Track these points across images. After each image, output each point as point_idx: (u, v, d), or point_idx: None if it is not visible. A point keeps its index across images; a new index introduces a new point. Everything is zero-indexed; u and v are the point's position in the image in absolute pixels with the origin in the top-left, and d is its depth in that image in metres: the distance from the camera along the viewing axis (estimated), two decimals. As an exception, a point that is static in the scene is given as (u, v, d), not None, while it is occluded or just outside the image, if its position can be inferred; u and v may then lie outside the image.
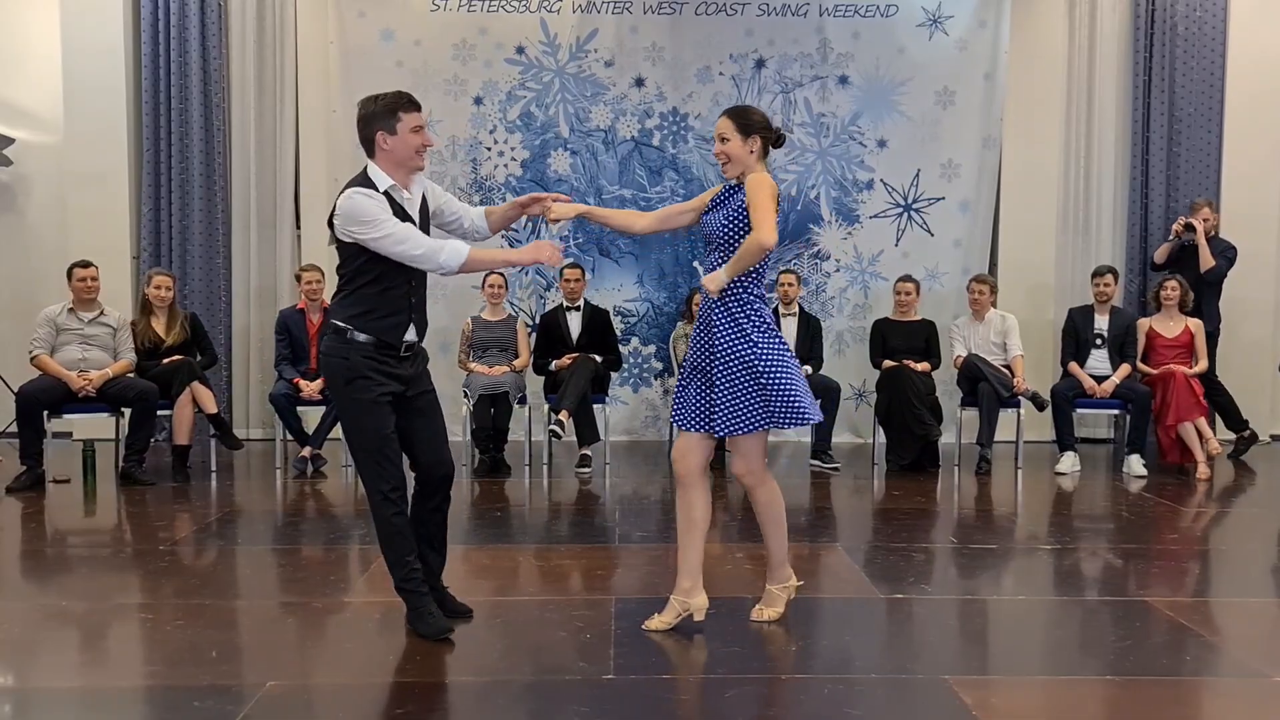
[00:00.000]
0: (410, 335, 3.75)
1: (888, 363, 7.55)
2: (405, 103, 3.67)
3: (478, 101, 8.50)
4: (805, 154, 8.62)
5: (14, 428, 6.74)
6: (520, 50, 8.51)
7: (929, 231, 8.66)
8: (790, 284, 7.78)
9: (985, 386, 7.31)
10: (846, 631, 3.95)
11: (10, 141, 8.40)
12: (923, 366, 7.52)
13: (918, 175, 8.62)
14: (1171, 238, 8.08)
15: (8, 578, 4.78)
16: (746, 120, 3.81)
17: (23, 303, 8.19)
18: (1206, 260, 7.86)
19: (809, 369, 7.57)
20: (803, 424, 3.79)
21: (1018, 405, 7.44)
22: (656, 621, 3.84)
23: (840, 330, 8.66)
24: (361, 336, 3.65)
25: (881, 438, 7.57)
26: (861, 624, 4.03)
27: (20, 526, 5.72)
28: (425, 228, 3.79)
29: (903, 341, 7.67)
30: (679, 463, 3.92)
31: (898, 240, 8.67)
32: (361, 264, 3.66)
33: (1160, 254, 8.16)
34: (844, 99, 8.60)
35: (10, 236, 8.55)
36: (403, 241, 3.58)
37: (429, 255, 3.61)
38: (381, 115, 3.65)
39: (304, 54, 8.45)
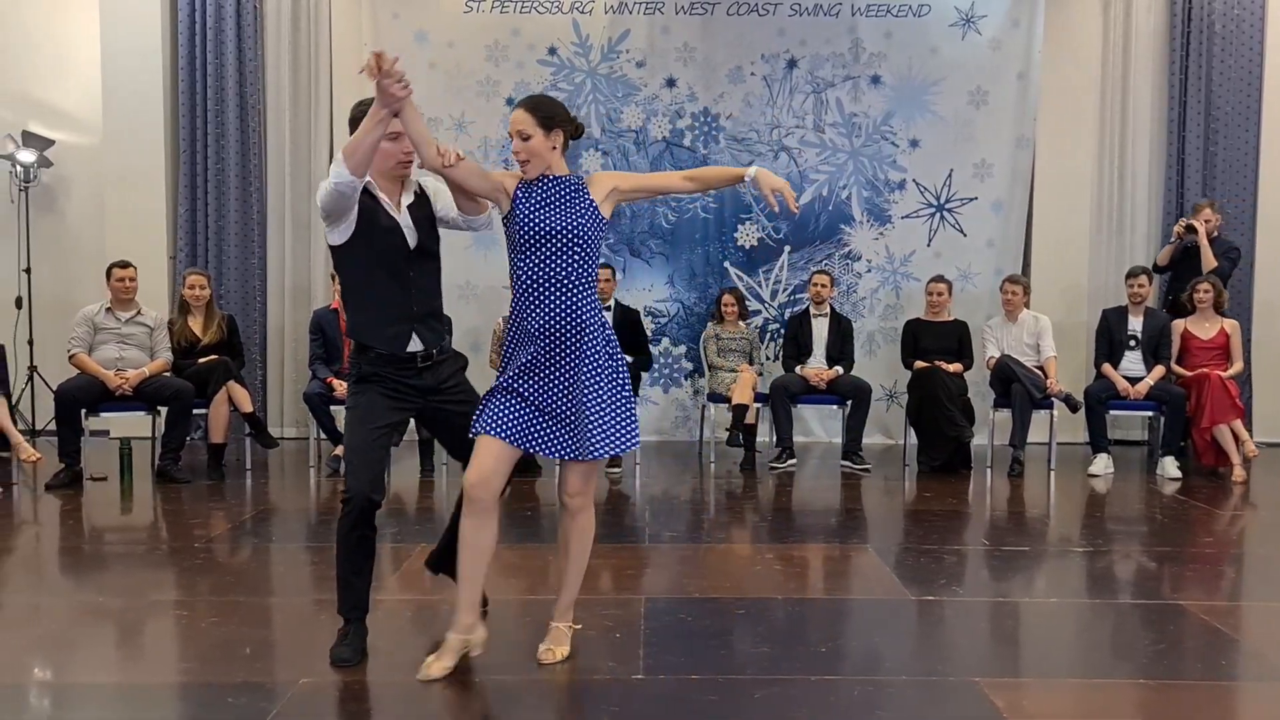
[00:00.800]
0: (415, 346, 3.54)
1: (919, 363, 7.52)
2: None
3: (510, 102, 8.53)
4: (837, 154, 8.60)
5: (53, 425, 6.83)
6: (552, 51, 8.55)
7: (961, 232, 8.61)
8: (823, 284, 7.77)
9: (1018, 388, 7.27)
10: (876, 633, 3.94)
11: (51, 143, 8.52)
12: (955, 367, 7.49)
13: (950, 175, 8.58)
14: (1173, 239, 8.00)
15: (46, 574, 4.86)
16: (548, 113, 3.41)
17: (62, 302, 8.30)
18: (1209, 261, 7.76)
19: (839, 370, 7.56)
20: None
21: (1050, 407, 7.40)
22: (437, 667, 3.34)
23: (871, 331, 8.63)
24: (373, 349, 3.52)
25: (913, 439, 7.54)
26: (892, 625, 4.02)
27: (59, 523, 5.80)
28: (428, 235, 3.60)
29: (935, 342, 7.63)
30: (481, 486, 3.31)
31: (930, 240, 8.63)
32: (345, 269, 3.56)
33: (1163, 256, 8.09)
34: (876, 99, 8.57)
35: (50, 237, 8.66)
36: (320, 198, 3.40)
37: (324, 192, 3.38)
38: (350, 125, 3.55)
39: (338, 55, 8.52)
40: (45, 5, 8.68)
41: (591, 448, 3.35)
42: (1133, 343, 7.57)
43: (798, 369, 7.65)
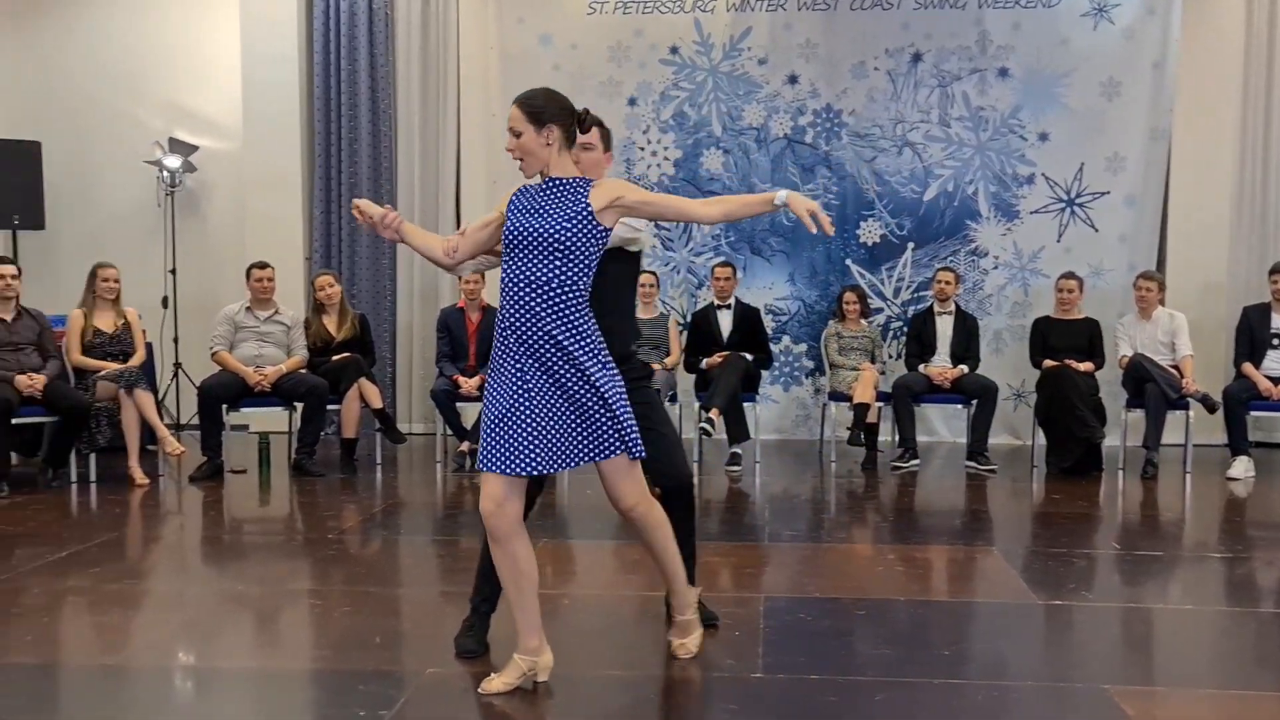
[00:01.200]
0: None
1: (1049, 362, 7.34)
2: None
3: (631, 102, 8.60)
4: (963, 149, 8.44)
5: (196, 420, 7.13)
6: (674, 50, 8.58)
7: (1093, 227, 8.37)
8: (947, 282, 7.64)
9: (1152, 387, 7.04)
10: (1002, 637, 3.87)
11: (195, 149, 8.90)
12: (1086, 366, 7.29)
13: (1081, 169, 8.34)
14: None
15: (189, 563, 5.09)
16: (538, 107, 3.22)
17: (205, 302, 8.65)
18: None
19: (964, 368, 7.43)
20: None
21: (1186, 407, 7.14)
22: (497, 683, 3.26)
23: (998, 329, 8.45)
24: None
25: (1041, 439, 7.37)
26: (1018, 630, 3.95)
27: (201, 514, 6.07)
28: (610, 253, 3.48)
29: (1065, 340, 7.44)
30: (496, 515, 3.18)
31: (1060, 236, 8.41)
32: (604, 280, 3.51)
33: None
34: (1004, 92, 8.38)
35: (194, 239, 9.05)
36: None
37: None
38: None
39: (465, 60, 8.70)
40: (188, 18, 9.06)
41: (610, 445, 3.22)
42: (1276, 341, 7.25)
43: (921, 367, 7.54)
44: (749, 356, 7.45)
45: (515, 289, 3.18)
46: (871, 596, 4.28)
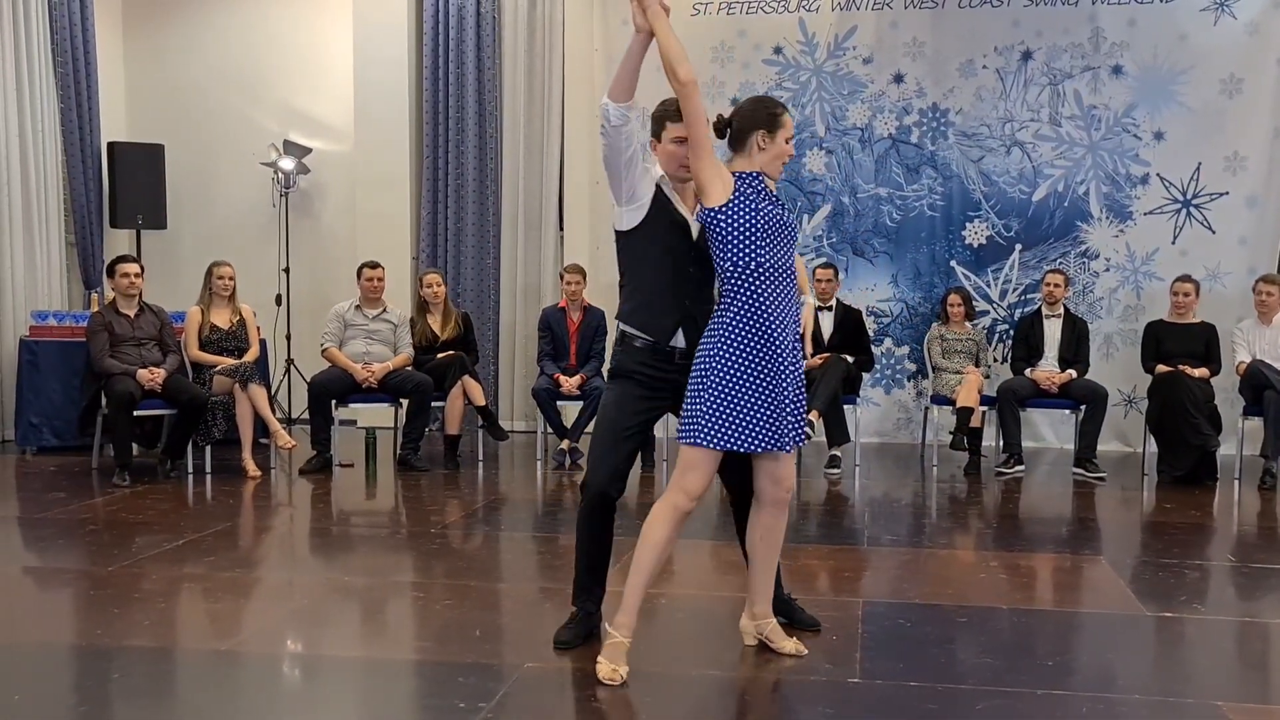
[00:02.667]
0: (678, 341, 3.53)
1: (1162, 367, 7.13)
2: (674, 111, 3.51)
3: (734, 103, 8.56)
4: (1074, 148, 8.25)
5: (307, 415, 7.33)
6: (778, 50, 8.55)
7: (1210, 229, 8.11)
8: (1056, 284, 7.48)
9: (1271, 394, 6.79)
10: (1109, 649, 3.78)
11: (308, 151, 9.15)
12: (1201, 372, 7.06)
13: (1198, 169, 8.08)
14: None
15: (299, 553, 5.24)
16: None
17: (316, 300, 8.90)
18: None
19: (1073, 373, 7.26)
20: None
21: (1310, 416, 6.87)
22: (605, 667, 3.34)
23: (1109, 333, 8.24)
24: (636, 339, 3.55)
25: (1153, 447, 7.16)
26: (1125, 642, 3.85)
27: (310, 506, 6.24)
28: (692, 241, 3.57)
29: (1179, 345, 7.22)
30: (699, 499, 3.42)
31: (1175, 238, 8.16)
32: (628, 255, 3.62)
33: None
34: (1117, 90, 8.17)
35: (307, 239, 9.30)
36: (602, 152, 3.54)
37: (602, 139, 3.51)
38: (655, 121, 3.60)
39: (570, 62, 8.79)
40: (303, 23, 9.33)
41: (801, 432, 3.47)
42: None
43: (1028, 371, 7.39)
44: (850, 359, 7.38)
45: (781, 276, 3.36)
46: (973, 603, 4.22)
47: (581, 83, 8.77)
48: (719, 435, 3.31)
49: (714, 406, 3.31)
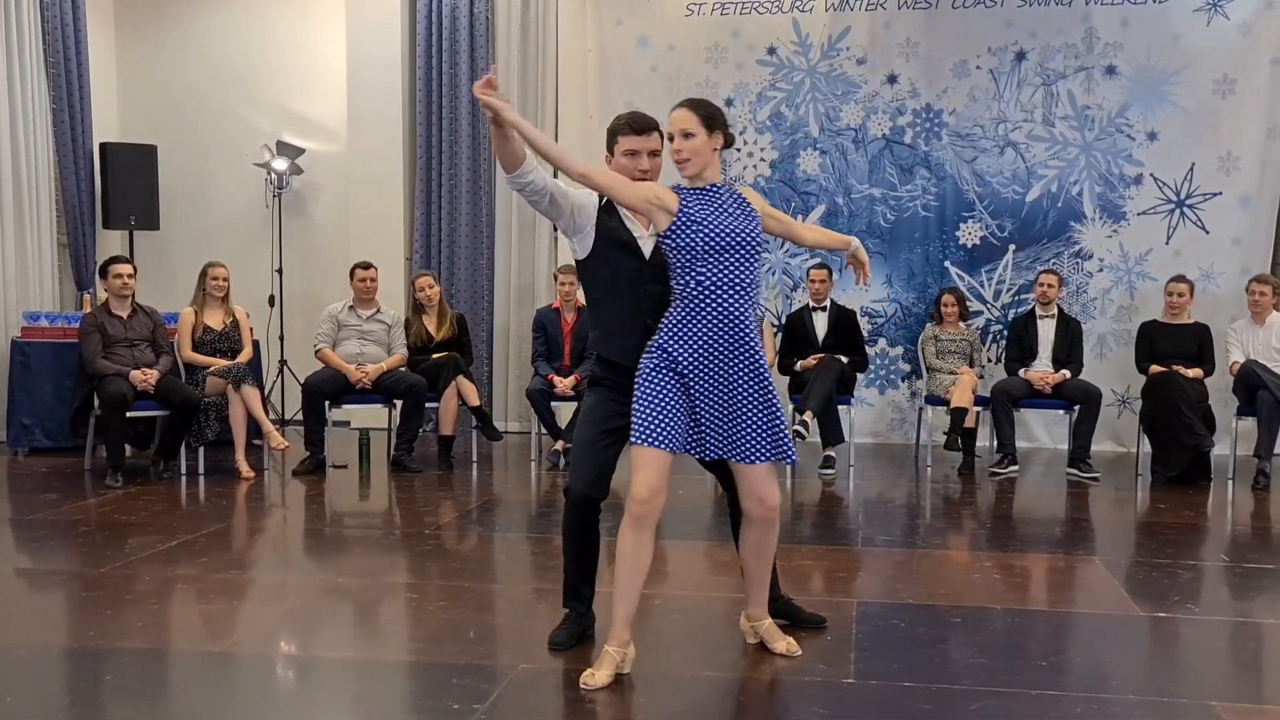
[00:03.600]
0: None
1: (1156, 368, 7.14)
2: (624, 125, 3.55)
3: (729, 103, 8.58)
4: (1068, 148, 8.25)
5: (300, 416, 7.31)
6: (772, 51, 8.55)
7: (1204, 229, 8.12)
8: (1050, 285, 7.48)
9: (1265, 395, 6.80)
10: (1103, 649, 3.78)
11: (301, 152, 9.13)
12: (1194, 372, 7.07)
13: (1192, 169, 8.10)
14: None
15: (292, 554, 5.23)
16: (711, 112, 3.38)
17: (310, 300, 8.88)
18: None
19: (1067, 374, 7.27)
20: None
21: (1303, 416, 6.89)
22: (599, 675, 3.30)
23: (1102, 333, 8.25)
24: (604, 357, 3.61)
25: (1147, 447, 7.17)
26: (1119, 642, 3.85)
27: (304, 507, 6.23)
28: (645, 259, 3.58)
29: (1173, 345, 7.23)
30: (650, 502, 3.31)
31: (1169, 238, 8.17)
32: (586, 283, 3.69)
33: None
34: (1111, 90, 8.18)
35: (300, 239, 9.28)
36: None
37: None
38: (609, 135, 3.63)
39: (564, 62, 8.78)
40: (297, 24, 9.31)
41: (768, 448, 3.39)
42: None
43: (1022, 372, 7.39)
44: (844, 359, 7.38)
45: (728, 289, 3.30)
46: (967, 604, 4.22)
47: (574, 83, 8.76)
48: (641, 432, 3.29)
49: (638, 405, 3.31)
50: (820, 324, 7.60)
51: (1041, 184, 8.29)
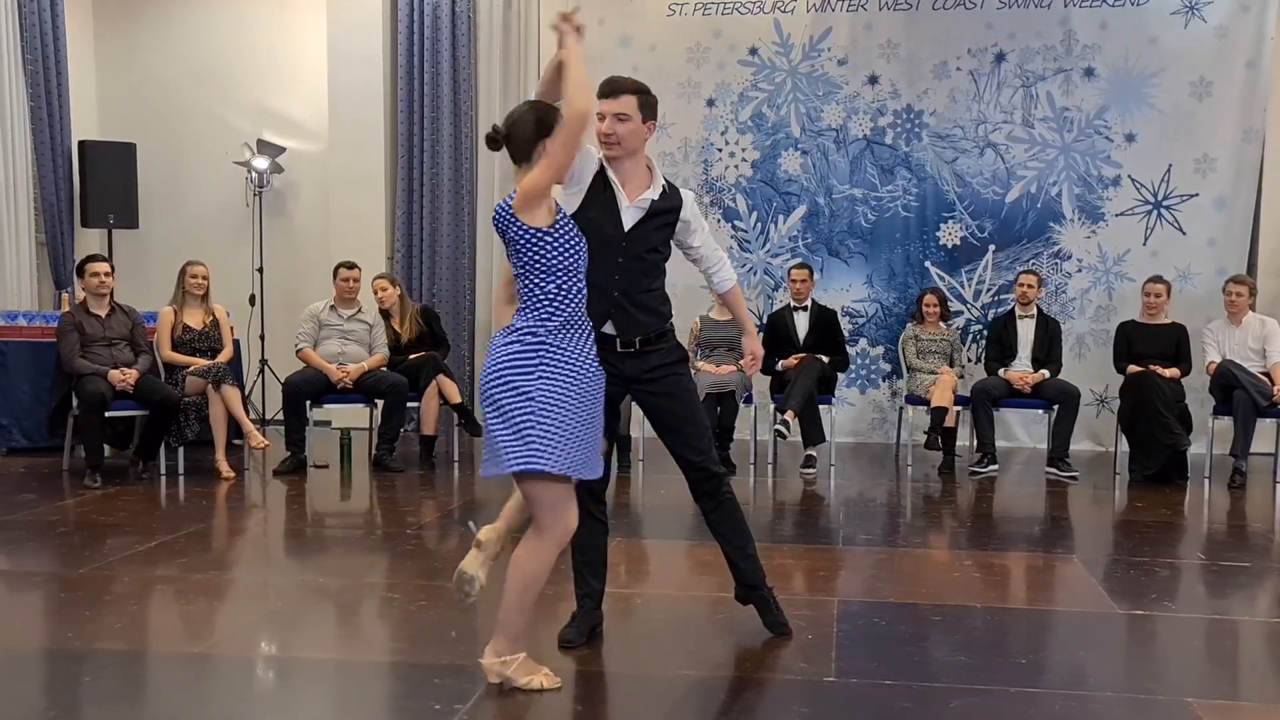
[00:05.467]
0: (609, 330, 3.53)
1: (1133, 367, 7.20)
2: (598, 89, 3.54)
3: (710, 103, 8.60)
4: (1047, 149, 8.30)
5: (281, 415, 7.29)
6: (753, 51, 8.57)
7: (1181, 230, 8.18)
8: (1030, 285, 7.52)
9: (1241, 394, 6.86)
10: (1080, 647, 3.81)
11: (282, 151, 9.10)
12: (1171, 372, 7.13)
13: (1169, 171, 8.16)
14: None
15: (272, 554, 5.21)
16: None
17: (290, 299, 8.85)
18: None
19: (1046, 373, 7.31)
20: None
21: (1277, 415, 6.95)
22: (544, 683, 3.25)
23: (1081, 333, 8.30)
24: None
25: (1125, 446, 7.22)
26: (1097, 639, 3.88)
27: (284, 507, 6.21)
28: (655, 230, 3.61)
29: (1150, 345, 7.29)
30: (575, 518, 3.27)
31: (1146, 239, 8.23)
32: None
33: None
34: (1089, 92, 8.23)
35: (281, 238, 9.25)
36: None
37: None
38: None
39: (545, 61, 8.72)
40: (275, 22, 9.28)
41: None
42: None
43: (1001, 372, 7.44)
44: (825, 359, 7.41)
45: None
46: (947, 603, 4.24)
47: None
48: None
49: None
50: (801, 323, 7.62)
51: (1021, 185, 8.33)
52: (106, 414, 6.66)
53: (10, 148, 8.24)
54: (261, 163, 8.99)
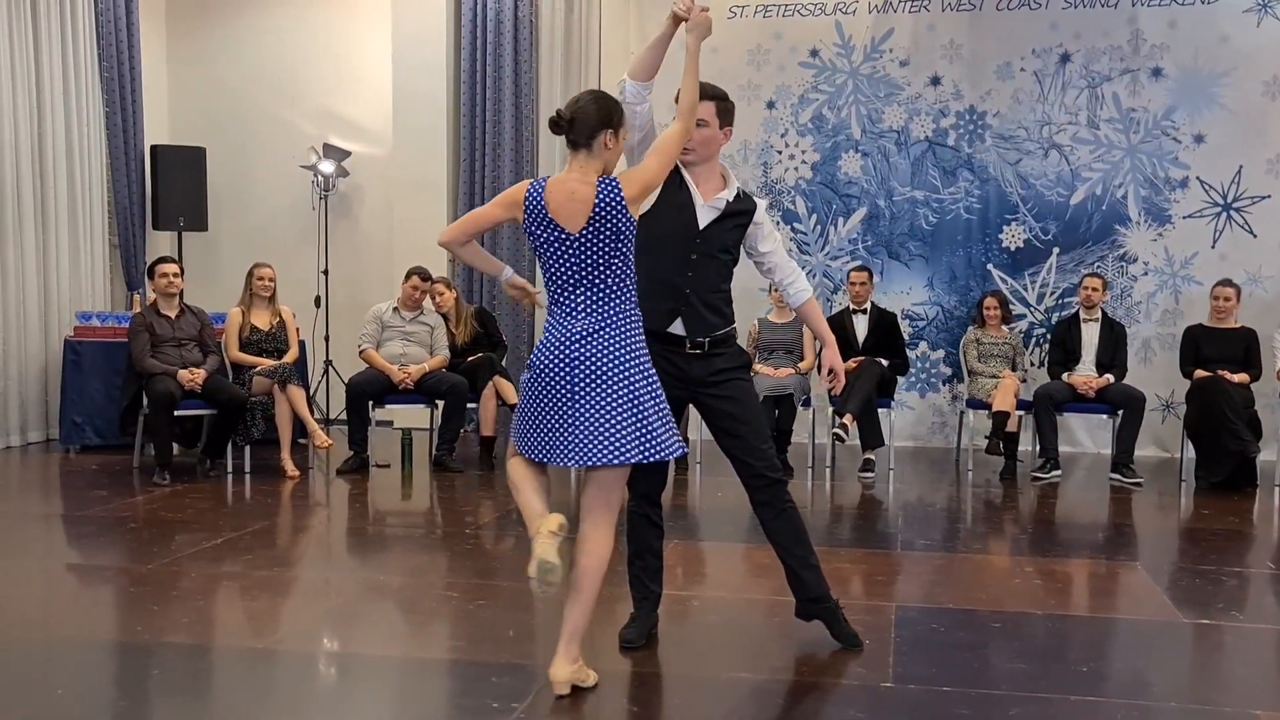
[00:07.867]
0: (678, 329, 3.54)
1: (1200, 372, 7.06)
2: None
3: (770, 105, 8.59)
4: (1112, 151, 8.18)
5: (344, 415, 7.39)
6: (814, 53, 8.54)
7: (1251, 232, 8.01)
8: (1094, 288, 7.42)
9: (1314, 401, 6.71)
10: (1144, 655, 3.76)
11: (348, 154, 9.23)
12: (1240, 377, 6.98)
13: (1240, 172, 7.99)
14: None
15: (335, 552, 5.29)
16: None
17: (354, 301, 8.97)
18: None
19: (1110, 377, 7.20)
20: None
21: (1353, 423, 6.79)
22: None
23: (1147, 337, 8.16)
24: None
25: (1191, 453, 7.09)
26: (1161, 648, 3.82)
27: (347, 506, 6.30)
28: (727, 231, 3.63)
29: (1218, 350, 7.15)
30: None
31: (1215, 242, 8.07)
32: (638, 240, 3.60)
33: None
34: (1157, 92, 8.09)
35: (346, 241, 9.39)
36: None
37: None
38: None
39: (607, 66, 8.81)
40: (341, 27, 9.41)
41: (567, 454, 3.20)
42: None
43: (1065, 376, 7.33)
44: (884, 362, 7.36)
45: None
46: (1007, 609, 4.20)
47: (618, 88, 8.77)
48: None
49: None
50: (861, 326, 7.58)
51: (1086, 187, 8.21)
52: (175, 413, 6.80)
53: (86, 152, 8.46)
54: (327, 166, 9.13)
